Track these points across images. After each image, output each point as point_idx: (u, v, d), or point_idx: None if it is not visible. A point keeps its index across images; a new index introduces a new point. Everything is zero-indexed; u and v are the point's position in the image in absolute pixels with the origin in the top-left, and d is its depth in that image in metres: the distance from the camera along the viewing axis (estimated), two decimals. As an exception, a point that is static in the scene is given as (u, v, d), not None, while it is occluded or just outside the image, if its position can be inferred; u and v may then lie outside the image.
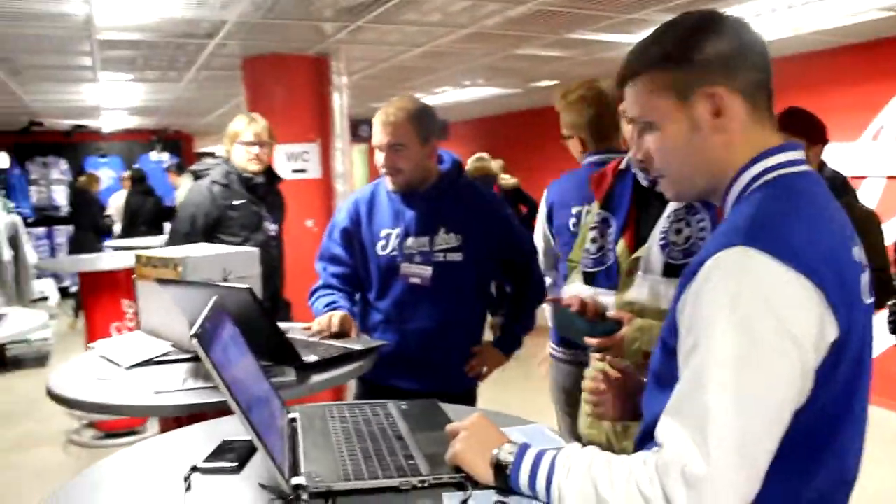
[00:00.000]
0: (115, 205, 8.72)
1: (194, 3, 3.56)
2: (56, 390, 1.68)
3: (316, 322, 2.12)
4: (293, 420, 1.35)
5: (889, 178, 4.80)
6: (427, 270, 2.18)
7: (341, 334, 2.07)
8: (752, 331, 0.87)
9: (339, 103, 4.82)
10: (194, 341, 1.00)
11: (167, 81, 6.19)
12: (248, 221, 3.11)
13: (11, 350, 6.33)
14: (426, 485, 1.09)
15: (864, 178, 4.89)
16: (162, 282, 1.85)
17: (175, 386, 1.67)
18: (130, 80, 6.02)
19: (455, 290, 2.22)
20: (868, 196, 4.83)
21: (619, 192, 1.74)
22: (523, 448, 1.05)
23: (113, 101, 7.52)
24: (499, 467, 1.05)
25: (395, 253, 2.20)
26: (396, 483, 1.08)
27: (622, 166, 1.77)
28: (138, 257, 2.18)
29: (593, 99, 2.37)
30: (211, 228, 3.03)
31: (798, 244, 0.90)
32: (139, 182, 8.30)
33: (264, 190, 3.18)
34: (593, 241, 1.74)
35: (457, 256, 2.20)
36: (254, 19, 3.82)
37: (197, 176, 3.27)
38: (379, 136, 2.13)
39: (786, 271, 0.88)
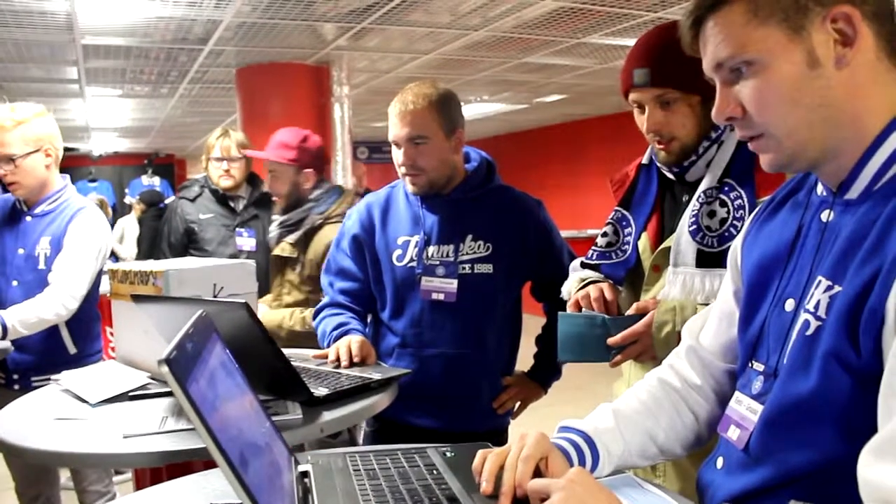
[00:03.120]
0: (127, 232, 8.27)
1: (184, 2, 3.28)
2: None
3: (332, 349, 1.79)
4: (304, 475, 1.01)
5: None
6: (451, 284, 1.85)
7: (358, 363, 1.74)
8: None
9: (340, 115, 4.52)
10: (164, 368, 0.67)
11: (158, 97, 5.91)
12: (214, 236, 3.09)
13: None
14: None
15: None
16: (139, 299, 1.51)
17: (150, 428, 1.33)
18: (119, 95, 5.74)
19: (483, 309, 1.89)
20: None
21: (642, 188, 1.53)
22: None
23: (101, 121, 7.24)
24: None
25: (413, 264, 1.88)
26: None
27: (644, 161, 1.54)
28: (113, 272, 1.84)
29: None
30: (182, 244, 3.08)
31: None
32: (154, 205, 7.80)
33: (246, 204, 3.15)
34: (604, 235, 1.54)
35: (486, 268, 1.88)
36: (250, 19, 3.53)
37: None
38: (396, 128, 1.82)
39: None
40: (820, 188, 0.86)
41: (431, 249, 1.88)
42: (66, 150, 2.46)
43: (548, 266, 1.97)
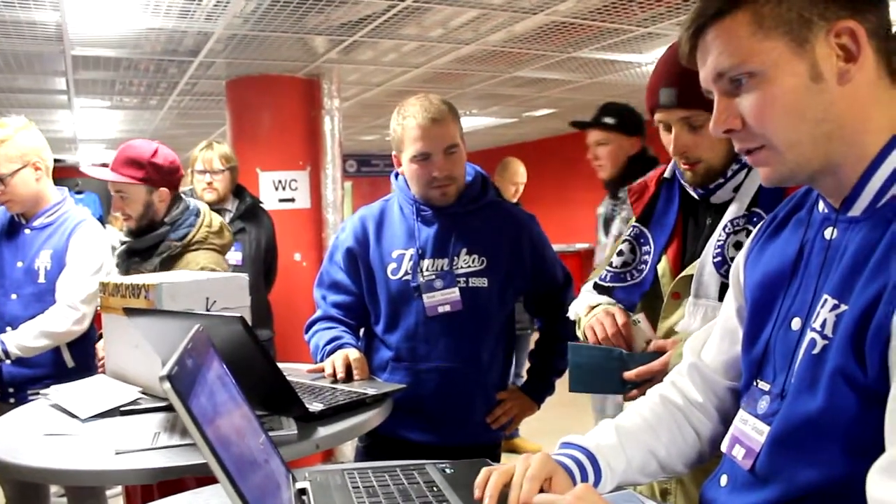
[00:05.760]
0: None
1: (175, 14, 3.27)
2: (-12, 450, 1.31)
3: (328, 363, 1.77)
4: (302, 492, 1.00)
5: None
6: (453, 293, 1.84)
7: (352, 378, 1.72)
8: None
9: (331, 128, 4.51)
10: (166, 385, 0.66)
11: (147, 109, 5.88)
12: None
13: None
14: None
15: None
16: (131, 312, 1.50)
17: (143, 444, 1.31)
18: (107, 107, 5.70)
19: (479, 323, 1.89)
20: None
21: (663, 205, 1.46)
22: None
23: (90, 132, 7.19)
24: None
25: (408, 277, 1.87)
26: None
27: (666, 175, 1.48)
28: (104, 285, 1.83)
29: None
30: None
31: None
32: None
33: (232, 217, 3.09)
34: (619, 254, 1.47)
35: (481, 282, 1.87)
36: (241, 31, 3.52)
37: None
38: (429, 140, 1.78)
39: None
40: (822, 206, 0.86)
41: (426, 263, 1.87)
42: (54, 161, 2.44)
43: (541, 280, 1.97)
